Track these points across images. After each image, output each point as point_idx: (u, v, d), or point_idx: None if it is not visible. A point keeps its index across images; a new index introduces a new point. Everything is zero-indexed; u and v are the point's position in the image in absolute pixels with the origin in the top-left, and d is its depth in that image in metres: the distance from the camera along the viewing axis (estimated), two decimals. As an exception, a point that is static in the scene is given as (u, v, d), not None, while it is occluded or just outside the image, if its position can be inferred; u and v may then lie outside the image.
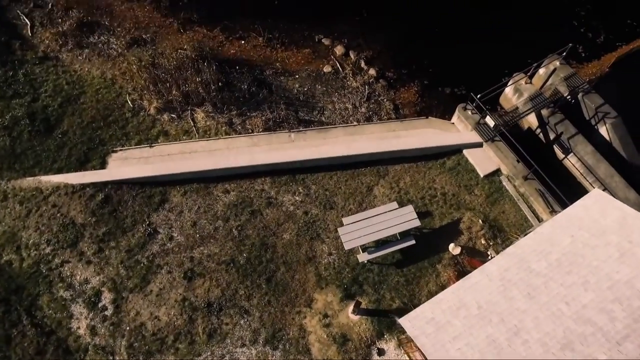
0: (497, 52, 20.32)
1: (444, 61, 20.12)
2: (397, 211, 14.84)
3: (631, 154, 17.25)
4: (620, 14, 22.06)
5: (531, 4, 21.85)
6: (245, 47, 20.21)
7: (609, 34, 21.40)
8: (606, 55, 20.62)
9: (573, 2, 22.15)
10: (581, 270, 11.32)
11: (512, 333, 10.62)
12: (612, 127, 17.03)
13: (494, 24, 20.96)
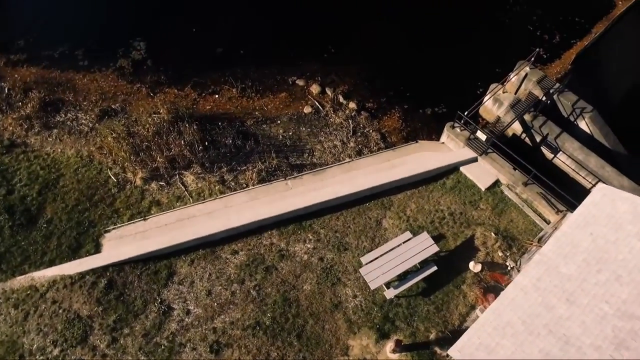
0: (467, 67, 21.54)
1: (418, 84, 21.09)
2: (412, 240, 15.15)
3: (613, 143, 18.47)
4: (567, 13, 23.96)
5: (488, 18, 23.37)
6: (220, 101, 20.41)
7: (562, 33, 23.15)
8: (565, 53, 22.22)
9: (524, 9, 23.84)
10: (610, 266, 11.89)
11: (563, 342, 10.94)
12: (591, 120, 18.24)
13: (459, 42, 22.27)
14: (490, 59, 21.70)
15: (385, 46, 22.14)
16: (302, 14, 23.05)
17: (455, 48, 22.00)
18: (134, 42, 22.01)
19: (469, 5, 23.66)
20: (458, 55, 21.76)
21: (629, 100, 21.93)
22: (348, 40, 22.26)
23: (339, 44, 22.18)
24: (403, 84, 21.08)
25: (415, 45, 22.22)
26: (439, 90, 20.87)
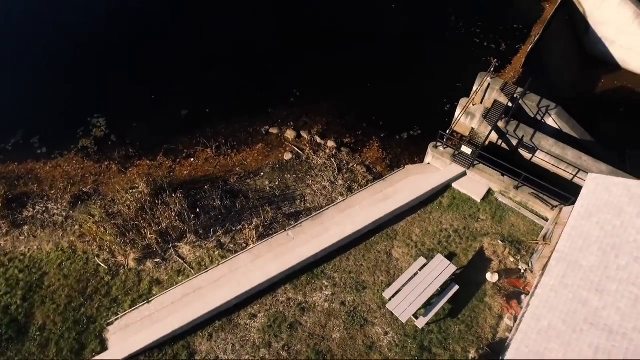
0: (429, 88, 22.92)
1: (388, 112, 22.07)
2: (429, 265, 15.61)
3: (581, 134, 20.08)
4: (505, 22, 26.19)
5: (437, 40, 25.09)
6: (197, 164, 20.33)
7: (506, 40, 25.22)
8: (514, 58, 24.15)
9: (467, 26, 25.80)
10: (625, 249, 12.83)
11: (608, 332, 11.58)
12: (557, 116, 19.82)
13: (417, 67, 23.72)
14: (448, 76, 23.19)
15: (348, 81, 23.10)
16: (258, 64, 23.68)
17: (415, 72, 23.38)
18: (92, 119, 21.63)
19: (418, 32, 25.33)
20: (419, 78, 23.12)
21: (574, 92, 24.16)
22: (311, 81, 23.04)
23: (302, 87, 22.90)
24: (374, 114, 21.98)
25: (377, 76, 23.35)
26: (410, 115, 21.94)
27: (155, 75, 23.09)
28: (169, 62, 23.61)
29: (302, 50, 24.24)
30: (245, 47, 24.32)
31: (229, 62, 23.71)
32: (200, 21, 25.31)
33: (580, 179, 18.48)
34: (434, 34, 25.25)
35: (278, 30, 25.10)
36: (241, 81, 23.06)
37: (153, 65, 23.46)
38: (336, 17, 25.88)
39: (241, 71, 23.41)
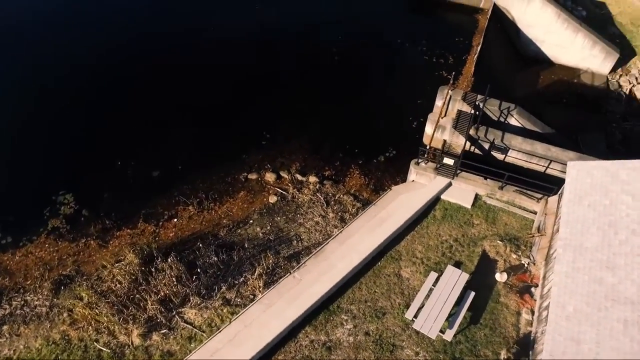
0: (394, 109, 24.17)
1: (361, 139, 23.00)
2: (443, 278, 16.23)
3: (542, 127, 21.89)
4: (446, 36, 28.31)
5: (390, 63, 26.65)
6: (181, 223, 20.05)
7: (452, 53, 27.18)
8: (463, 68, 26.05)
9: (413, 46, 27.62)
10: (621, 224, 14.10)
11: (630, 304, 12.59)
12: (518, 115, 21.52)
13: (379, 91, 25.09)
14: (408, 95, 24.63)
15: (315, 117, 23.88)
16: (222, 113, 23.96)
17: (376, 97, 24.65)
18: (57, 197, 20.88)
19: (370, 59, 26.75)
20: (381, 102, 24.37)
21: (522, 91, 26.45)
22: (278, 122, 23.60)
23: (271, 129, 23.36)
24: (347, 143, 22.78)
25: (342, 107, 24.32)
26: (381, 138, 22.97)
27: (117, 140, 22.76)
28: (129, 124, 23.38)
29: (265, 93, 24.85)
30: (206, 98, 24.59)
31: (191, 116, 23.83)
32: (156, 79, 25.32)
33: (553, 169, 20.01)
34: (385, 59, 26.77)
35: (239, 79, 25.57)
36: (207, 133, 23.19)
37: (112, 129, 23.13)
38: (292, 57, 26.83)
39: (205, 123, 23.58)
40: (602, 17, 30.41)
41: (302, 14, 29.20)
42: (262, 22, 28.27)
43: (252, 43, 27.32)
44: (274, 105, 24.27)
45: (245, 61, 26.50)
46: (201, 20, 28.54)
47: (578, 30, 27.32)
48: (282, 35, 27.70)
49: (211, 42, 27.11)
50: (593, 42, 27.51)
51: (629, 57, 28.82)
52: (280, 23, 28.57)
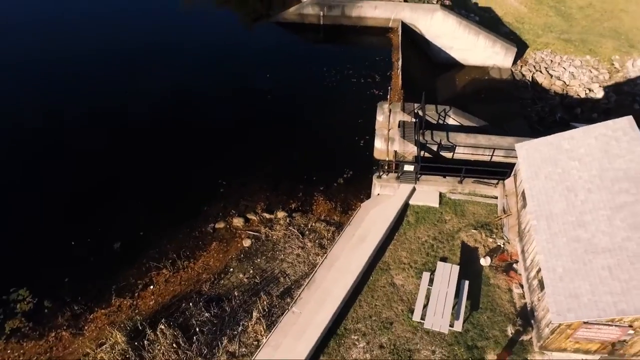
0: (339, 133, 25.53)
1: (315, 166, 23.95)
2: (436, 275, 17.37)
3: (477, 121, 24.34)
4: (367, 57, 30.58)
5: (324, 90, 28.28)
6: (159, 289, 19.49)
7: (377, 72, 29.34)
8: (391, 83, 28.19)
9: (340, 71, 29.47)
10: (578, 186, 16.18)
11: (608, 251, 14.41)
12: (455, 114, 23.82)
13: (321, 116, 26.36)
14: (349, 117, 26.18)
15: (266, 155, 24.48)
16: (172, 171, 23.74)
17: (320, 126, 25.94)
18: (9, 295, 19.37)
19: (305, 94, 28.18)
20: (326, 129, 25.70)
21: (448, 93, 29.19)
22: (230, 168, 23.86)
23: (225, 176, 23.56)
24: (304, 174, 23.61)
25: (290, 141, 25.19)
26: (335, 162, 24.16)
27: (65, 219, 21.71)
28: (74, 199, 22.40)
29: (212, 145, 25.06)
30: (153, 159, 24.28)
31: (141, 180, 23.38)
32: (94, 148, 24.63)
33: (497, 155, 22.28)
34: (317, 90, 28.28)
35: (182, 136, 25.59)
36: (162, 193, 22.86)
37: (58, 209, 22.05)
38: (229, 108, 27.44)
39: (157, 184, 23.22)
40: (492, 20, 34.60)
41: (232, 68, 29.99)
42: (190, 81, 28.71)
43: (186, 99, 27.57)
44: (222, 154, 24.54)
45: (185, 118, 26.61)
46: (132, 84, 28.35)
47: (479, 33, 30.89)
48: (214, 89, 28.23)
49: (143, 105, 27.01)
50: (493, 41, 31.21)
51: (524, 50, 32.97)
52: (210, 78, 29.15)
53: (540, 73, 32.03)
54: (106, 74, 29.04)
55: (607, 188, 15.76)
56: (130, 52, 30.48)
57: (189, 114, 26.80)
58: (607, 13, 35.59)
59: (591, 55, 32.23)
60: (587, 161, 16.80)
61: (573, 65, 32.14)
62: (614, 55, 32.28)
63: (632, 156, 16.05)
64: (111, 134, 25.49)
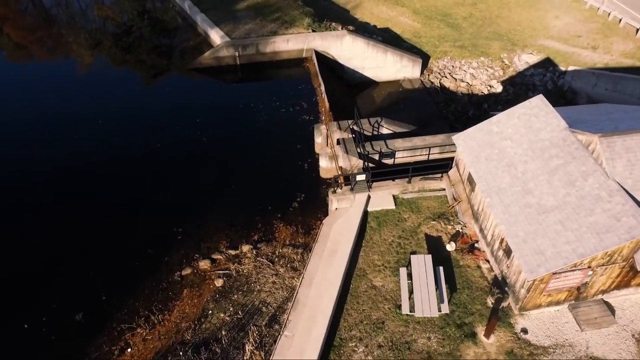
0: (283, 161, 26.56)
1: (266, 196, 24.62)
2: (413, 267, 18.75)
3: (407, 127, 26.65)
4: (290, 87, 32.19)
5: (254, 126, 29.21)
6: (138, 350, 18.78)
7: (303, 99, 30.94)
8: (320, 107, 29.92)
9: (266, 104, 30.68)
10: (515, 161, 18.56)
11: (556, 208, 16.68)
12: (387, 123, 25.95)
13: (261, 152, 27.21)
14: (287, 144, 27.37)
15: (215, 196, 24.75)
16: (123, 230, 23.14)
17: (262, 158, 26.81)
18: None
19: (239, 131, 28.82)
20: (268, 160, 26.64)
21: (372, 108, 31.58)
22: (182, 215, 23.78)
23: (179, 224, 23.42)
24: (258, 205, 24.15)
25: (236, 179, 25.67)
26: (284, 188, 25.05)
27: (12, 301, 20.26)
28: (18, 277, 21.03)
29: (159, 194, 24.86)
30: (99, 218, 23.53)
31: (90, 241, 22.54)
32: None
33: (434, 153, 24.59)
34: (250, 125, 29.16)
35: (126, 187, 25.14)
36: (116, 252, 22.18)
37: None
38: (165, 156, 27.36)
39: (109, 243, 22.51)
40: (393, 38, 38.06)
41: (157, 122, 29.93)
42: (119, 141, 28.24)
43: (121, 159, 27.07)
44: (171, 203, 24.37)
45: (125, 176, 26.10)
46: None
47: (386, 50, 33.89)
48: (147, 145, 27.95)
49: (73, 170, 26.15)
50: (400, 56, 34.35)
51: (427, 60, 36.57)
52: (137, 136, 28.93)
53: (446, 78, 35.67)
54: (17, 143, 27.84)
55: (540, 157, 18.27)
56: (45, 121, 29.48)
57: (128, 172, 26.34)
58: (487, 20, 40.69)
59: (484, 57, 36.56)
60: (517, 138, 19.35)
61: (471, 67, 36.21)
62: (502, 53, 36.90)
63: (552, 127, 18.83)
64: (43, 207, 24.35)
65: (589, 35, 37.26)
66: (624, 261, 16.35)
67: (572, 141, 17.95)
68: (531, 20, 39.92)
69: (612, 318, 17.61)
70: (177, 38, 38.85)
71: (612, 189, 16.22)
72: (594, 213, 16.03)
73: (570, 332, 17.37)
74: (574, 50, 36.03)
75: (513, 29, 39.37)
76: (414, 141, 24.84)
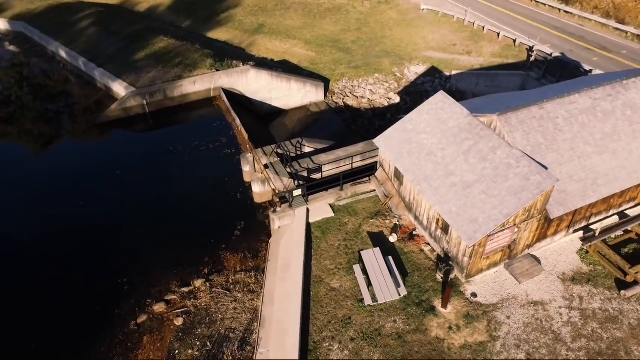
0: (217, 193, 27.12)
1: (208, 230, 25.06)
2: (366, 262, 20.35)
3: (327, 143, 28.67)
4: (205, 125, 33.00)
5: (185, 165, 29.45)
6: (108, 407, 18.17)
7: (220, 136, 31.87)
8: (239, 139, 31.04)
9: (185, 146, 31.17)
10: (433, 150, 21.15)
11: (476, 181, 19.31)
12: (308, 142, 27.79)
13: (194, 184, 27.50)
14: (215, 178, 28.11)
15: (153, 238, 24.64)
16: (62, 294, 22.26)
17: (195, 196, 27.12)
18: None
19: (168, 174, 28.89)
20: (201, 196, 27.08)
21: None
22: (123, 264, 23.38)
23: (121, 274, 23.01)
24: (201, 240, 24.47)
25: (173, 214, 25.83)
26: (223, 220, 25.63)
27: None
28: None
29: (96, 250, 24.21)
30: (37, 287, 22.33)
31: (32, 312, 21.34)
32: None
33: (357, 161, 26.78)
34: (174, 166, 29.45)
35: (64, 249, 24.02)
36: (62, 317, 21.24)
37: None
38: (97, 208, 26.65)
39: (53, 310, 21.49)
40: (293, 68, 40.56)
41: (72, 184, 29.07)
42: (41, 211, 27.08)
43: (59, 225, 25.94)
44: (110, 257, 23.90)
45: (61, 240, 25.09)
46: None
47: (290, 79, 36.17)
48: (67, 211, 27.06)
49: None
50: (303, 83, 36.81)
51: (328, 83, 39.45)
52: (51, 205, 27.89)
53: (348, 97, 38.68)
54: None
55: (453, 142, 21.01)
56: None
57: (56, 238, 25.35)
58: (373, 41, 44.89)
59: (378, 73, 40.27)
60: (430, 130, 22.04)
61: (369, 84, 39.66)
62: (393, 68, 40.90)
63: (457, 115, 21.76)
64: None
65: (462, 43, 42.66)
66: (540, 214, 19.27)
67: (476, 124, 20.93)
68: (412, 37, 44.77)
69: (540, 267, 20.46)
70: (71, 98, 37.84)
71: (518, 156, 19.19)
72: (509, 178, 18.82)
73: (511, 287, 19.88)
74: (453, 57, 41.02)
75: (398, 46, 43.84)
76: (337, 153, 26.86)
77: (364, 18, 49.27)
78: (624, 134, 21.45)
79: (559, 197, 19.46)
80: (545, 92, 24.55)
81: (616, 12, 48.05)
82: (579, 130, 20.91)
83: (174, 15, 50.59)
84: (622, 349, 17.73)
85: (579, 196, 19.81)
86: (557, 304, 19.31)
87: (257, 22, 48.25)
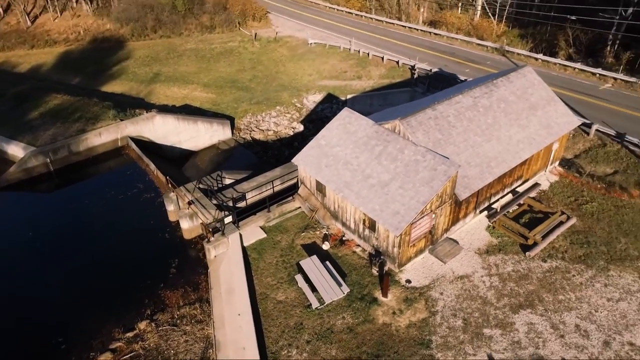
0: (142, 242, 27.16)
1: (143, 273, 25.07)
2: (307, 271, 21.84)
3: (244, 172, 30.11)
4: (120, 177, 32.78)
5: (99, 226, 28.95)
6: None
7: (136, 183, 31.94)
8: (156, 182, 31.34)
9: (105, 204, 30.74)
10: (348, 159, 23.56)
11: (392, 177, 21.89)
12: (227, 174, 29.05)
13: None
14: (141, 227, 28.16)
15: (83, 292, 24.12)
16: None
17: (117, 240, 26.93)
18: None
19: (82, 226, 28.20)
20: (130, 245, 26.97)
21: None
22: (56, 323, 22.65)
23: (56, 332, 22.25)
24: (135, 283, 24.41)
25: (101, 265, 25.40)
26: (156, 262, 25.84)
27: None
28: None
29: (22, 318, 23.09)
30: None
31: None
32: None
33: (277, 185, 28.48)
34: (94, 220, 28.96)
35: None
36: None
37: None
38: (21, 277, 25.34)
39: None
40: (195, 111, 41.72)
41: None
42: None
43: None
44: (40, 322, 23.01)
45: None
46: None
47: (196, 121, 37.36)
48: None
49: None
50: (210, 123, 38.17)
51: (233, 121, 41.11)
52: None
53: (255, 131, 40.57)
54: None
55: (365, 149, 23.60)
56: None
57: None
58: (270, 77, 47.59)
59: (279, 106, 42.78)
60: (342, 142, 24.49)
61: (272, 117, 41.94)
62: (292, 99, 43.68)
63: (363, 126, 24.52)
64: None
65: (352, 69, 46.79)
66: (450, 198, 22.23)
67: (382, 131, 23.74)
68: (305, 69, 48.16)
69: (459, 246, 23.39)
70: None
71: (423, 151, 22.14)
72: (419, 172, 21.62)
73: (438, 268, 22.47)
74: (346, 83, 44.82)
75: (293, 79, 46.89)
76: (258, 179, 28.38)
77: (256, 57, 52.07)
78: (502, 123, 25.52)
79: (463, 182, 22.61)
80: (434, 98, 28.32)
81: (475, 31, 55.73)
82: (467, 124, 24.56)
83: (59, 73, 49.60)
84: (536, 298, 20.90)
85: (478, 178, 23.16)
86: (478, 274, 22.19)
87: (152, 71, 48.97)
